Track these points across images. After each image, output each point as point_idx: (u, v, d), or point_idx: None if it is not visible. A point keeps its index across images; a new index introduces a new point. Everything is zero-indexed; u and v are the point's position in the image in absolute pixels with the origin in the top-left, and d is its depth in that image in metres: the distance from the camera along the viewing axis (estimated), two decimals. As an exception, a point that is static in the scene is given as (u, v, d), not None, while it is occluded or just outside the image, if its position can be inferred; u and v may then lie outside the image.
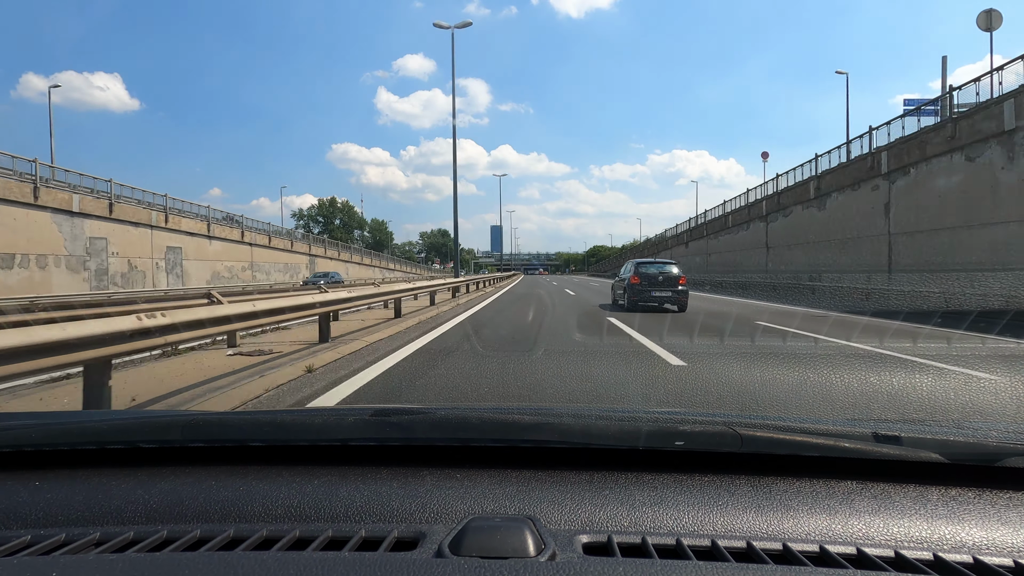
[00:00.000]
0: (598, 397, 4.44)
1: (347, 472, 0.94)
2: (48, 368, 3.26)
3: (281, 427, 1.13)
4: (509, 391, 4.55)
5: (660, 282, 13.16)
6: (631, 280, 13.29)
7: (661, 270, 13.58)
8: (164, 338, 4.21)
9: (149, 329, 3.88)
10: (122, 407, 4.15)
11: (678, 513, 0.81)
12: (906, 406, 4.06)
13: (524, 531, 0.71)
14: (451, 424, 1.14)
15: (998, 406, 4.11)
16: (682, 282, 13.27)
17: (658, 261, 14.47)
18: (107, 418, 1.28)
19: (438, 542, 0.70)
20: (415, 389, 4.72)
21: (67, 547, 0.74)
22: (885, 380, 5.03)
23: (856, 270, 17.86)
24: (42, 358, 3.07)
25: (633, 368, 5.61)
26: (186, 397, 4.63)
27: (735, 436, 0.98)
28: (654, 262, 14.21)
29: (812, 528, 0.78)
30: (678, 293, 13.14)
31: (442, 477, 0.92)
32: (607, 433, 1.06)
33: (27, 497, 0.87)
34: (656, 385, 4.77)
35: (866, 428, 1.02)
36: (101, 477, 0.93)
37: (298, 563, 0.66)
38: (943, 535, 0.77)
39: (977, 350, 7.19)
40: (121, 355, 3.81)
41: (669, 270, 13.64)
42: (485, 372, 5.42)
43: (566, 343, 7.68)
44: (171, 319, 4.16)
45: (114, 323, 3.62)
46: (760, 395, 4.41)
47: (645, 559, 0.69)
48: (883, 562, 0.70)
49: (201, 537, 0.75)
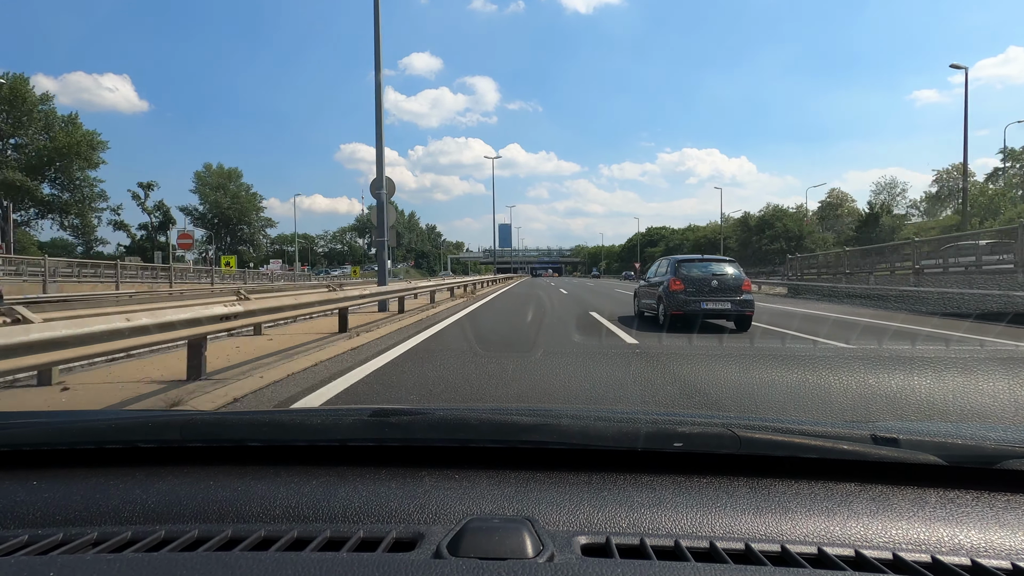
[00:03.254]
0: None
1: (345, 472, 0.94)
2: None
3: (279, 427, 1.13)
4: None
5: (713, 288, 9.43)
6: (670, 285, 9.64)
7: (715, 272, 9.78)
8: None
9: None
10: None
11: (676, 514, 0.81)
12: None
13: (522, 532, 0.71)
14: (450, 425, 1.14)
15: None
16: (746, 288, 9.57)
17: (708, 259, 10.44)
18: (105, 418, 1.28)
19: (436, 543, 0.70)
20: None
21: (65, 547, 0.73)
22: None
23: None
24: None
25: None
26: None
27: (734, 438, 0.99)
28: (703, 260, 10.41)
29: (810, 530, 0.78)
30: (740, 304, 9.36)
31: (441, 478, 0.92)
32: (606, 434, 1.06)
33: (25, 497, 0.87)
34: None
35: (864, 430, 1.03)
36: (99, 477, 0.93)
37: (296, 563, 0.66)
38: (941, 537, 0.77)
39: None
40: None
41: (725, 271, 9.80)
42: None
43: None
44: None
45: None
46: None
47: (643, 560, 0.69)
48: (881, 564, 0.70)
49: (199, 537, 0.75)
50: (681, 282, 9.62)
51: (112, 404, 4.19)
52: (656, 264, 11.68)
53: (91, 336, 3.76)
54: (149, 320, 4.29)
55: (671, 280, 9.74)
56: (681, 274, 9.77)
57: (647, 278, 11.65)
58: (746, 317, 9.46)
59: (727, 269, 9.87)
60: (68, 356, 3.69)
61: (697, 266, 10.07)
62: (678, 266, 9.99)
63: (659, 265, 11.29)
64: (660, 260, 11.51)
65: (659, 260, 11.70)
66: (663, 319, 9.77)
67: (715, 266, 10.05)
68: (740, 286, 9.51)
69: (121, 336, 4.06)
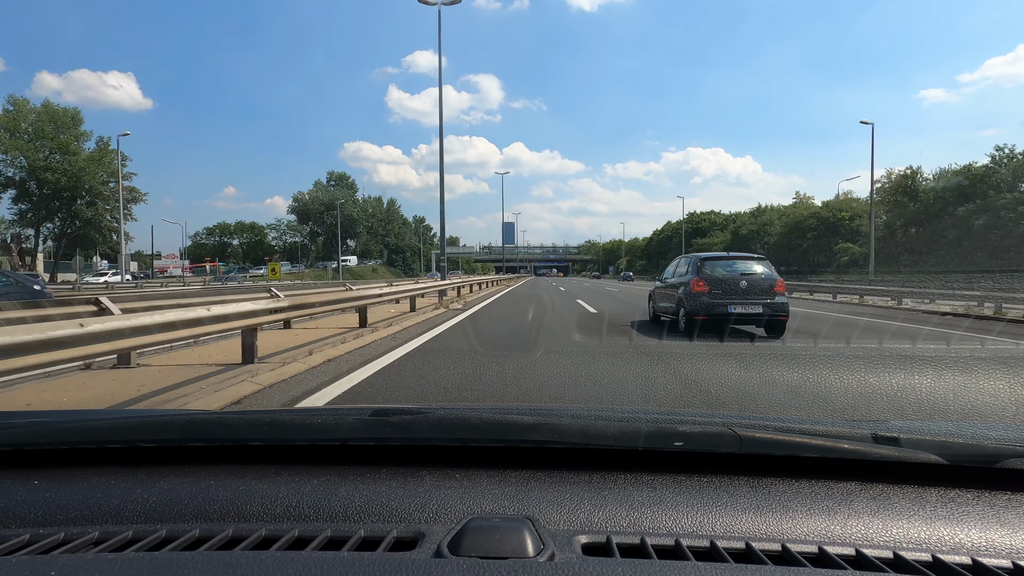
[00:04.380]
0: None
1: (346, 472, 0.94)
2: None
3: (280, 427, 1.13)
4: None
5: (742, 290, 8.48)
6: (692, 286, 8.65)
7: (744, 271, 8.78)
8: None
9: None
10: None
11: (677, 514, 0.81)
12: None
13: (523, 531, 0.71)
14: (450, 424, 1.14)
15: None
16: (779, 289, 8.59)
17: (735, 257, 9.46)
18: (106, 417, 1.28)
19: (437, 542, 0.70)
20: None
21: (66, 546, 0.74)
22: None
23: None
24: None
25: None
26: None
27: (734, 437, 0.99)
28: (729, 258, 9.44)
29: (811, 529, 0.78)
30: (773, 308, 8.38)
31: (441, 477, 0.92)
32: (606, 433, 1.06)
33: (26, 496, 0.87)
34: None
35: (865, 429, 1.03)
36: (100, 476, 0.93)
37: (297, 563, 0.66)
38: (942, 536, 0.77)
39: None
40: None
41: (754, 270, 8.80)
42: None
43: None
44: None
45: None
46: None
47: (644, 559, 0.69)
48: (882, 563, 0.70)
49: (200, 536, 0.75)
50: (705, 283, 8.56)
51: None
52: (674, 263, 10.51)
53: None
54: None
55: (693, 281, 8.66)
56: (705, 274, 8.70)
57: (663, 278, 10.62)
58: (780, 322, 8.45)
59: (757, 268, 8.83)
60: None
61: (723, 265, 8.97)
62: (701, 265, 8.89)
63: (677, 264, 10.19)
64: (679, 259, 10.39)
65: (677, 259, 10.49)
66: (683, 324, 8.75)
67: (743, 264, 8.96)
68: (772, 287, 8.48)
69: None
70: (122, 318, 4.15)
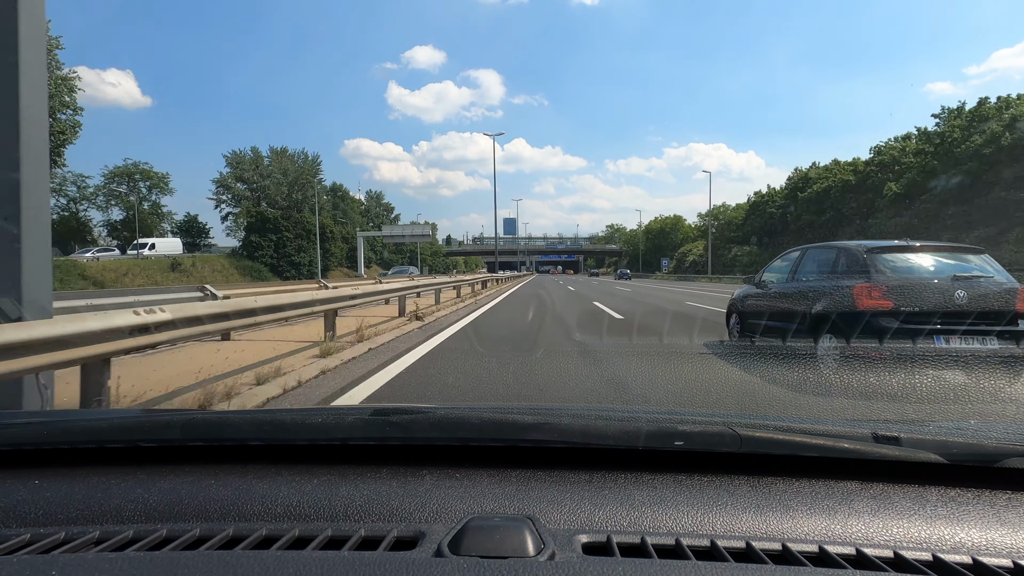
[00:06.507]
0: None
1: (346, 471, 0.94)
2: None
3: (280, 426, 1.13)
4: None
5: (957, 306, 4.77)
6: (859, 298, 5.00)
7: (958, 274, 4.98)
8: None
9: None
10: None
11: (677, 513, 0.81)
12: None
13: (523, 531, 0.71)
14: (451, 424, 1.14)
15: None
16: (1021, 307, 4.80)
17: (934, 247, 5.41)
18: (106, 417, 1.28)
19: (437, 541, 0.70)
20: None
21: (67, 546, 0.74)
22: None
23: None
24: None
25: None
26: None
27: (734, 436, 0.98)
28: (924, 248, 5.36)
29: (811, 528, 0.78)
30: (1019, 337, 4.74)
31: (442, 476, 0.92)
32: (606, 433, 1.06)
33: (27, 496, 0.87)
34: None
35: (865, 428, 1.03)
36: (100, 476, 0.93)
37: (297, 562, 0.66)
38: (942, 536, 0.77)
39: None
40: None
41: (973, 270, 5.07)
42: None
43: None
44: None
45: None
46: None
47: (644, 559, 0.69)
48: (882, 562, 0.70)
49: (201, 536, 0.75)
50: (883, 292, 4.92)
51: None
52: (794, 259, 6.51)
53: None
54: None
55: (861, 287, 5.02)
56: (882, 276, 5.05)
57: (763, 283, 6.88)
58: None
59: (978, 266, 5.13)
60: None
61: (916, 263, 5.23)
62: (874, 261, 5.17)
63: (805, 261, 6.26)
64: (806, 251, 6.43)
65: (801, 251, 6.53)
66: (830, 361, 5.06)
67: (951, 260, 5.20)
68: (1012, 301, 4.83)
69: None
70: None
